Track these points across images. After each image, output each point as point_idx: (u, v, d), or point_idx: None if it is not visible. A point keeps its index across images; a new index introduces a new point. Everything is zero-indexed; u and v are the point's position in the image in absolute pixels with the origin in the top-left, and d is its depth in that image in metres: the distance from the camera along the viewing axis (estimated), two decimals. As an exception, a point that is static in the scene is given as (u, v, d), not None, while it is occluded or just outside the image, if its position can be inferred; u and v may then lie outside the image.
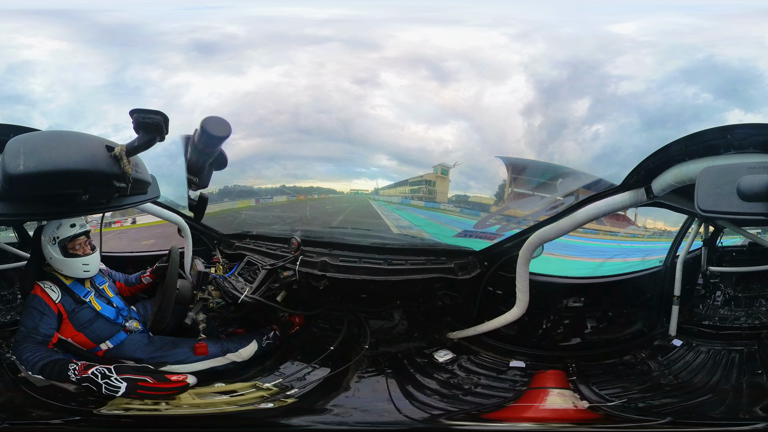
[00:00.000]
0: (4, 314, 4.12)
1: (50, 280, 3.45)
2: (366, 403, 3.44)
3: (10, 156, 2.27)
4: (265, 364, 3.81)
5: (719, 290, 4.51)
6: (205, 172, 3.42)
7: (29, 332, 3.28)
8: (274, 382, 3.57)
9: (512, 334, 4.05)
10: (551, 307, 4.12)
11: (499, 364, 3.94)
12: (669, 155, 3.02)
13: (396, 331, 4.28)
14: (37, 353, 3.19)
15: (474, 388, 3.63)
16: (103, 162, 2.43)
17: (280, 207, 4.75)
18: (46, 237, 3.45)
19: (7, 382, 3.36)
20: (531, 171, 4.31)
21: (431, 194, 5.08)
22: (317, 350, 3.91)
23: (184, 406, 3.23)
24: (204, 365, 3.61)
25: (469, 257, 4.16)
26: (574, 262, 4.40)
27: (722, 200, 2.32)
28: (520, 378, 3.76)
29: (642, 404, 3.39)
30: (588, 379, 3.69)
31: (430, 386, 3.64)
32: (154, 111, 2.36)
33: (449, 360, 3.93)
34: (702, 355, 3.97)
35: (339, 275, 3.88)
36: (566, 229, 3.55)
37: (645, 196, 3.29)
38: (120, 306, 3.69)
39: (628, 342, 4.20)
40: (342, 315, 4.22)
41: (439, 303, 4.20)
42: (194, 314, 3.75)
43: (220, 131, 3.02)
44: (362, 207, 4.76)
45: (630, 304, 4.31)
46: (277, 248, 4.22)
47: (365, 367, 3.79)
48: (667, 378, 3.73)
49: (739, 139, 2.76)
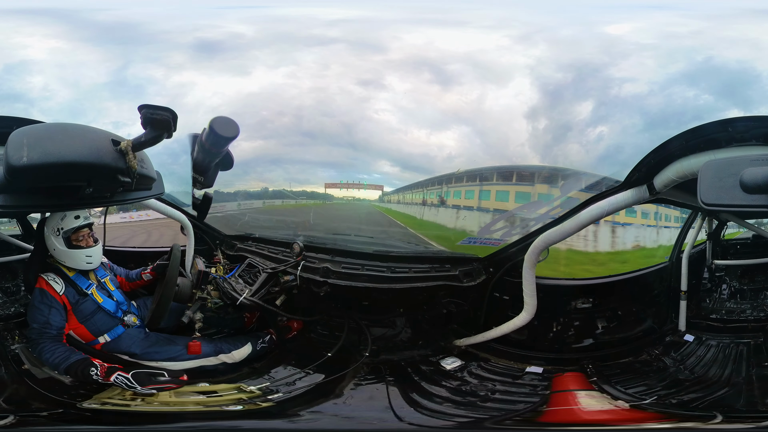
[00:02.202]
0: (8, 306, 4.13)
1: (53, 272, 3.48)
2: (357, 410, 3.39)
3: (13, 148, 2.28)
4: (256, 366, 3.78)
5: (725, 283, 4.50)
6: (210, 172, 3.42)
7: (42, 328, 3.33)
8: (260, 385, 3.53)
9: (522, 339, 4.02)
10: (560, 309, 4.11)
11: (513, 369, 3.88)
12: (670, 151, 3.04)
13: (399, 339, 4.25)
14: (55, 353, 3.27)
15: (491, 395, 3.58)
16: (108, 156, 2.44)
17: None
18: (49, 228, 3.48)
19: (12, 374, 3.39)
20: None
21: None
22: (314, 356, 3.86)
23: (155, 403, 3.26)
24: (194, 363, 3.62)
25: (474, 264, 4.14)
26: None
27: (725, 193, 2.34)
28: (539, 382, 3.71)
29: (674, 400, 3.36)
30: (609, 379, 3.65)
31: (440, 394, 3.58)
32: (163, 107, 2.37)
33: (458, 367, 3.87)
34: (713, 349, 3.94)
35: (341, 282, 3.86)
36: (570, 231, 3.55)
37: (647, 193, 3.31)
38: (120, 300, 3.72)
39: (640, 340, 4.18)
40: (342, 322, 4.16)
41: (444, 310, 4.17)
42: (192, 313, 3.73)
43: (228, 131, 3.01)
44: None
45: (638, 301, 4.30)
46: (279, 252, 4.22)
47: (364, 374, 3.73)
48: (684, 373, 3.71)
49: (740, 132, 2.79)
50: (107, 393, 3.27)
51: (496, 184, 4.31)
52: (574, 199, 3.81)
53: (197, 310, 3.81)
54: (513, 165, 4.25)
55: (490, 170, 4.32)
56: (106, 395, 3.26)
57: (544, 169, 4.10)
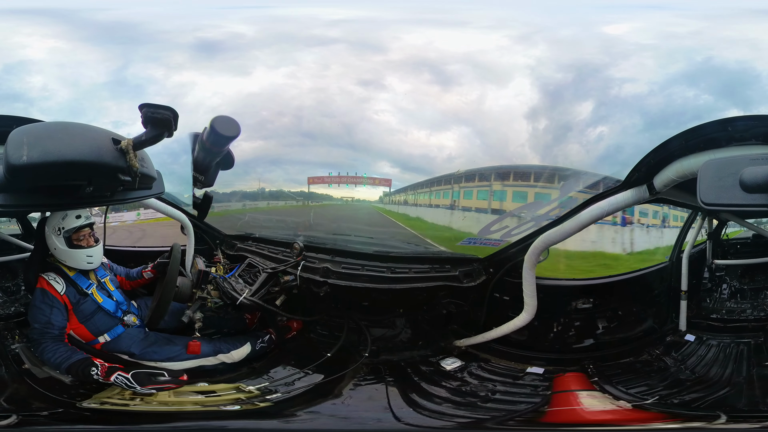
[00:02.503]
0: (8, 306, 4.13)
1: (54, 272, 3.48)
2: (355, 411, 3.39)
3: (13, 147, 2.27)
4: (255, 366, 3.77)
5: (725, 283, 4.51)
6: (211, 171, 3.44)
7: (44, 328, 3.34)
8: (259, 385, 3.53)
9: (523, 339, 4.02)
10: (560, 310, 4.11)
11: (514, 370, 3.89)
12: (669, 150, 3.04)
13: (399, 339, 4.25)
14: (56, 353, 3.28)
15: (492, 395, 3.58)
16: (108, 154, 2.43)
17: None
18: (50, 228, 3.49)
19: (13, 374, 3.39)
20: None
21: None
22: (313, 356, 3.85)
23: (154, 402, 3.28)
24: (193, 363, 3.62)
25: (474, 264, 4.14)
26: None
27: (725, 193, 2.34)
28: (540, 383, 3.71)
29: (676, 400, 3.37)
30: (610, 379, 3.66)
31: (440, 394, 3.58)
32: (164, 106, 2.36)
33: (458, 368, 3.88)
34: (713, 349, 3.95)
35: (341, 282, 3.85)
36: (571, 231, 3.56)
37: (647, 192, 3.32)
38: (120, 300, 3.73)
39: (641, 340, 4.19)
40: (342, 322, 4.16)
41: (444, 311, 4.17)
42: (192, 312, 3.73)
43: (229, 131, 3.03)
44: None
45: (639, 301, 4.31)
46: (279, 252, 4.22)
47: (363, 375, 3.72)
48: (685, 373, 3.72)
49: (740, 131, 2.79)
50: (106, 393, 3.29)
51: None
52: (574, 198, 3.81)
53: (197, 310, 3.81)
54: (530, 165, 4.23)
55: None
56: (106, 395, 3.28)
57: (561, 170, 4.09)
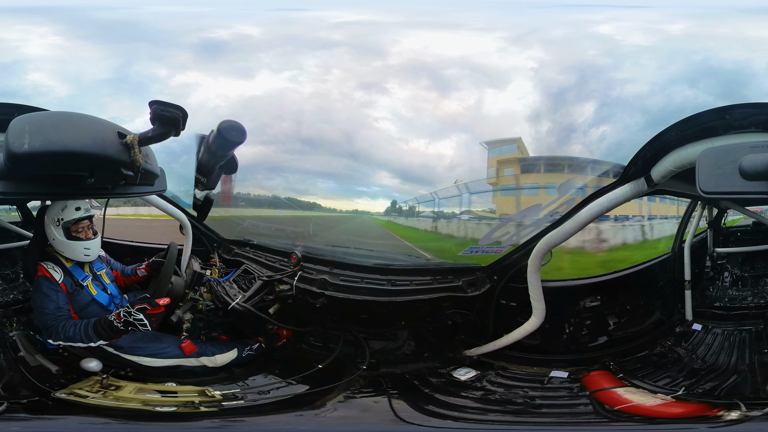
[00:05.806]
0: (7, 293, 4.11)
1: (52, 261, 3.49)
2: (343, 422, 3.23)
3: (14, 134, 2.27)
4: (235, 372, 3.69)
5: (727, 271, 4.50)
6: (214, 174, 3.43)
7: (56, 312, 3.33)
8: (227, 391, 3.40)
9: (537, 343, 3.95)
10: (570, 310, 4.07)
11: (536, 375, 3.79)
12: (665, 142, 3.06)
13: (401, 352, 4.15)
14: (77, 326, 3.25)
15: (532, 401, 3.42)
16: (112, 147, 2.43)
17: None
18: (49, 218, 3.51)
19: (10, 362, 3.35)
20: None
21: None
22: (302, 367, 3.74)
23: (111, 397, 3.17)
24: (174, 362, 3.58)
25: (478, 273, 4.13)
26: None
27: (724, 181, 2.33)
28: (570, 384, 3.61)
29: (700, 390, 3.29)
30: (634, 373, 3.59)
31: (462, 404, 3.39)
32: (174, 105, 2.35)
33: (474, 377, 3.74)
34: (719, 337, 3.94)
35: (338, 294, 3.80)
36: (572, 231, 3.55)
37: (646, 185, 3.31)
38: (114, 293, 3.74)
39: (652, 332, 4.16)
40: (338, 334, 4.07)
41: (449, 322, 4.11)
42: (181, 312, 3.67)
43: (235, 136, 3.04)
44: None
45: (645, 294, 4.30)
46: (276, 261, 4.21)
47: (359, 387, 3.58)
48: (697, 362, 3.69)
49: (738, 119, 2.79)
50: (79, 384, 3.23)
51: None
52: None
53: (187, 311, 3.76)
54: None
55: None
56: (78, 386, 3.21)
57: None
